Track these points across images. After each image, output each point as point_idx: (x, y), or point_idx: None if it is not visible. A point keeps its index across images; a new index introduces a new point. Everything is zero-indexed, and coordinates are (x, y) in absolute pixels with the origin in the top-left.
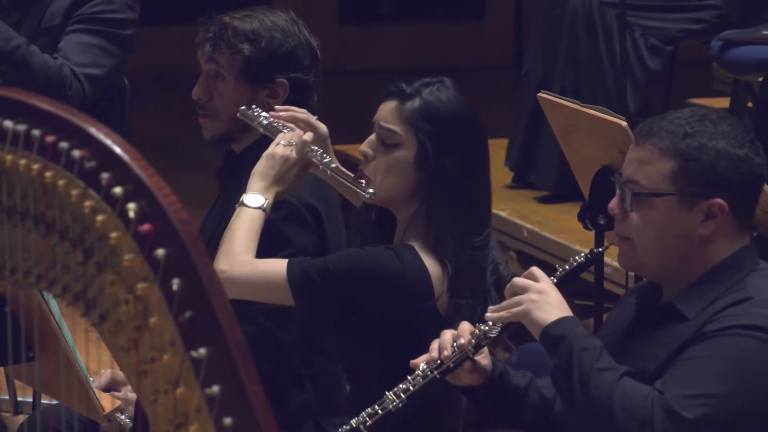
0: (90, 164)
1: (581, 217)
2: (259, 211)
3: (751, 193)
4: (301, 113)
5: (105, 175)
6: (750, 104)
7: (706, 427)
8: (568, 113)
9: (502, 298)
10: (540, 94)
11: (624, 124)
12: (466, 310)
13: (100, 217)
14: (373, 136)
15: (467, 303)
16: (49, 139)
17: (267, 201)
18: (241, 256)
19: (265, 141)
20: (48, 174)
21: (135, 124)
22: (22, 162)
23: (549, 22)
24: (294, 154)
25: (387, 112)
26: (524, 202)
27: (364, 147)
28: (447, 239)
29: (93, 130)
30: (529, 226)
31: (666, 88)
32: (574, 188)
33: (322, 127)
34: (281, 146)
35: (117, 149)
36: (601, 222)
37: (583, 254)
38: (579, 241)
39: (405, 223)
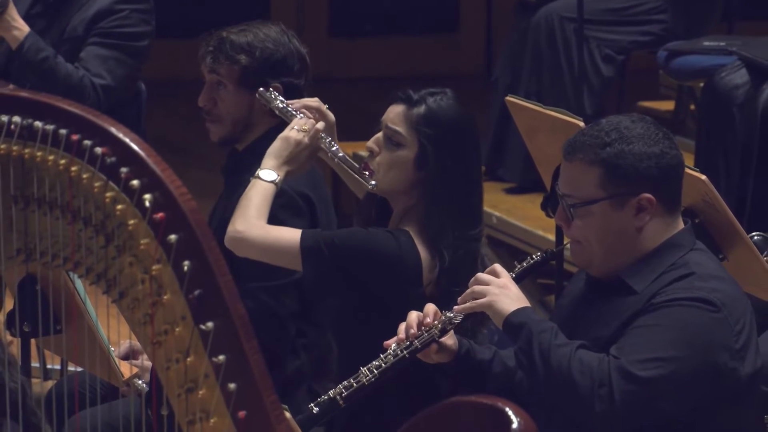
0: (111, 160)
1: (543, 207)
2: (272, 185)
3: (673, 181)
4: (313, 101)
5: (124, 170)
6: (692, 107)
7: (658, 387)
8: (533, 115)
9: None
10: (507, 98)
11: (582, 124)
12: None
13: (119, 207)
14: (380, 134)
15: (460, 290)
16: (75, 137)
17: (279, 177)
18: (256, 220)
19: (264, 141)
20: (74, 168)
21: (147, 125)
22: (51, 158)
23: (515, 35)
24: (306, 140)
25: (394, 114)
26: (494, 193)
27: (371, 143)
28: (446, 232)
29: (113, 130)
30: (498, 214)
31: (618, 92)
32: (538, 181)
33: (331, 116)
34: (295, 131)
35: (134, 147)
36: None
37: (539, 253)
38: (542, 227)
39: (401, 214)
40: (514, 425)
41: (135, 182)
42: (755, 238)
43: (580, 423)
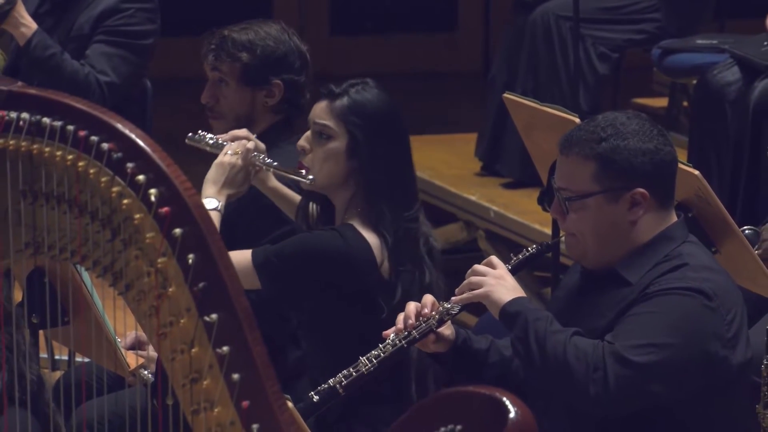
0: (117, 155)
1: (540, 201)
2: (216, 212)
3: (666, 177)
4: (241, 132)
5: (130, 165)
6: (685, 104)
7: (651, 372)
8: (530, 111)
9: (436, 267)
10: (505, 95)
11: (577, 120)
12: (407, 276)
13: (125, 201)
14: (308, 133)
15: (407, 269)
16: (82, 133)
17: (220, 203)
18: None
19: (266, 137)
20: (81, 164)
21: (152, 122)
22: (59, 153)
23: (512, 33)
24: (240, 161)
25: (320, 110)
26: (491, 188)
27: (302, 142)
28: (384, 215)
29: (120, 126)
30: (495, 208)
31: (613, 89)
32: (535, 176)
33: (261, 144)
34: (228, 155)
35: (140, 142)
36: None
37: (534, 246)
38: (538, 222)
39: (344, 207)
40: (512, 415)
41: (141, 177)
42: (746, 231)
43: (576, 407)
